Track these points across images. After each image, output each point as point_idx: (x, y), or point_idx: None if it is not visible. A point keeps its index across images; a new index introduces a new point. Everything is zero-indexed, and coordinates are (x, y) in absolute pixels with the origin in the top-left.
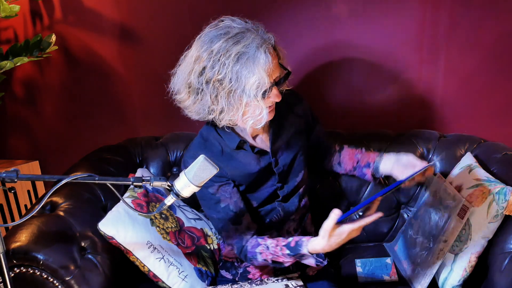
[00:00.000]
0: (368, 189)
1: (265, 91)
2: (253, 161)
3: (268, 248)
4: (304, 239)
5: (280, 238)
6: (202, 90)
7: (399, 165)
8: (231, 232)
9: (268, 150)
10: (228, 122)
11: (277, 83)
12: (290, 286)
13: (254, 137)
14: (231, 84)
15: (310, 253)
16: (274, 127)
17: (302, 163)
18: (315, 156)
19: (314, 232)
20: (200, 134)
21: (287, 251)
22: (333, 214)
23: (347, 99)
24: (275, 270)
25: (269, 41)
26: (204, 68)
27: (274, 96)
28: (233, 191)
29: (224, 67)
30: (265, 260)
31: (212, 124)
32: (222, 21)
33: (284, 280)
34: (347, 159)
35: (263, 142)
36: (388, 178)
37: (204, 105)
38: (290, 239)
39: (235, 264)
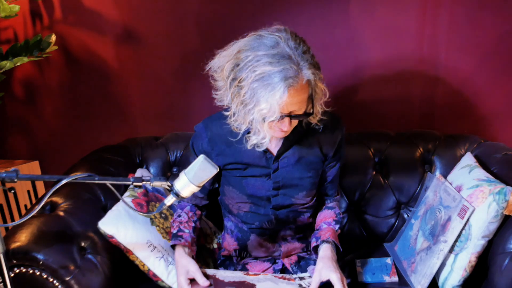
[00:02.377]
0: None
1: (273, 120)
2: (256, 156)
3: (180, 216)
4: (183, 240)
5: (190, 222)
6: (230, 83)
7: (317, 264)
8: None
9: (275, 152)
10: (237, 127)
11: (293, 116)
12: (303, 285)
13: None
14: (245, 97)
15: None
16: (290, 134)
17: (307, 185)
18: None
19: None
20: (224, 109)
21: (173, 231)
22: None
23: (347, 99)
24: (275, 269)
25: (301, 78)
26: (236, 65)
27: (284, 125)
28: None
29: (247, 78)
30: (171, 221)
31: None
32: (279, 32)
33: (297, 279)
34: (320, 218)
35: (275, 145)
36: None
37: (226, 97)
38: (184, 227)
39: (234, 261)
